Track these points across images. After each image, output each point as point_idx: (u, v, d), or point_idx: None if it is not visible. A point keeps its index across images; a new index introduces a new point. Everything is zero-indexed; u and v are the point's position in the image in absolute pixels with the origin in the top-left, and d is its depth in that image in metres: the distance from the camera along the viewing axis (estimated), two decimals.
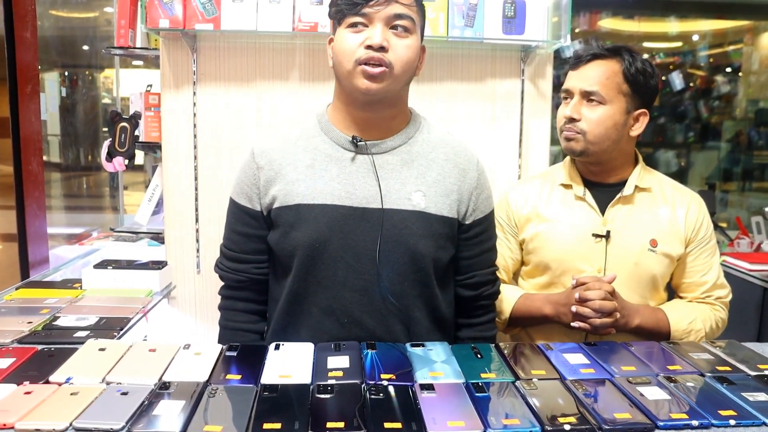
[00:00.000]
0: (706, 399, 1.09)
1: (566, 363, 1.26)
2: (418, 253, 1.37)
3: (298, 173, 1.40)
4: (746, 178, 5.17)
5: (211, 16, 1.94)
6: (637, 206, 1.63)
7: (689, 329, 1.58)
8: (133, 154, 2.20)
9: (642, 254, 1.60)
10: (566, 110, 1.59)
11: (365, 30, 1.31)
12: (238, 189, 1.48)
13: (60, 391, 1.09)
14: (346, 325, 1.38)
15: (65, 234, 3.47)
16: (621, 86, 1.56)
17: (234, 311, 1.51)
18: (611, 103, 1.56)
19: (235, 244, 1.49)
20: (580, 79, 1.58)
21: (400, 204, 1.37)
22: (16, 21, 2.51)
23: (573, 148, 1.60)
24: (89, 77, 4.46)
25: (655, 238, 1.60)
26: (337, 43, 1.35)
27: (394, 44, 1.31)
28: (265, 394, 1.08)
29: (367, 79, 1.31)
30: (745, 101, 5.13)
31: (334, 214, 1.36)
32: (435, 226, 1.39)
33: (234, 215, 1.50)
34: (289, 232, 1.38)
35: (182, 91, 2.13)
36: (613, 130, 1.57)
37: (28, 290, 1.88)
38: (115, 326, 1.56)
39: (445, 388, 1.12)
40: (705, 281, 1.65)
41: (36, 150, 2.67)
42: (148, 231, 2.32)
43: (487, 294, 1.52)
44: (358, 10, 1.30)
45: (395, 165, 1.40)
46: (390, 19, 1.31)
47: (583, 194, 1.64)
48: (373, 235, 1.35)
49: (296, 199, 1.38)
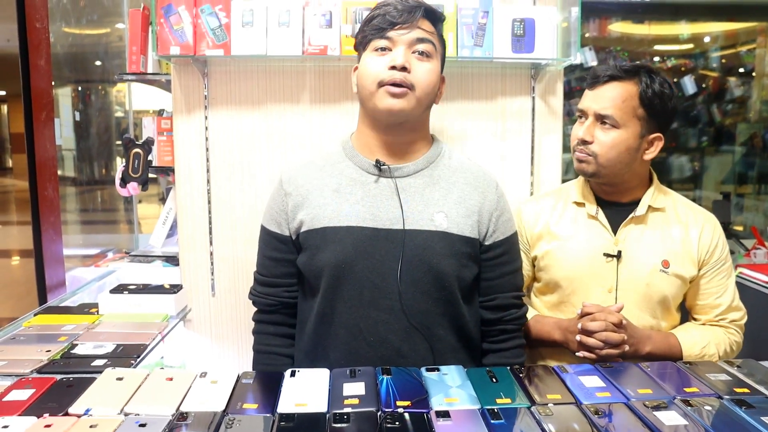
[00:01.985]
0: (724, 424, 1.08)
1: (582, 386, 1.25)
2: (442, 272, 1.41)
3: (324, 198, 1.45)
4: (762, 181, 5.12)
5: (222, 42, 1.96)
6: (650, 226, 1.61)
7: (702, 354, 1.56)
8: (146, 179, 2.23)
9: (654, 275, 1.58)
10: (579, 131, 1.58)
11: (389, 53, 1.39)
12: (268, 216, 1.54)
13: (79, 423, 1.10)
14: (373, 345, 1.41)
15: (81, 255, 3.51)
16: (636, 110, 1.54)
17: (266, 335, 1.56)
18: (625, 128, 1.54)
19: (267, 269, 1.55)
20: (596, 100, 1.56)
21: (423, 225, 1.41)
22: (31, 50, 2.55)
23: (585, 169, 1.60)
24: (102, 92, 4.52)
25: (667, 258, 1.58)
26: (362, 68, 1.43)
27: (416, 67, 1.39)
28: (282, 424, 1.08)
29: (390, 96, 1.38)
30: (759, 103, 5.08)
31: (359, 235, 1.40)
32: (457, 245, 1.43)
33: (265, 241, 1.55)
34: (316, 254, 1.43)
35: (194, 115, 2.15)
36: (626, 154, 1.55)
37: (46, 316, 1.91)
38: (132, 353, 1.57)
39: (461, 414, 1.12)
40: (719, 304, 1.63)
41: (51, 175, 2.71)
42: (163, 254, 2.34)
43: (510, 318, 1.53)
44: (383, 35, 1.40)
45: (417, 187, 1.45)
46: (412, 42, 1.39)
47: (595, 213, 1.63)
48: (397, 255, 1.39)
49: (323, 222, 1.43)
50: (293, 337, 1.57)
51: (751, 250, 3.03)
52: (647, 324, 1.59)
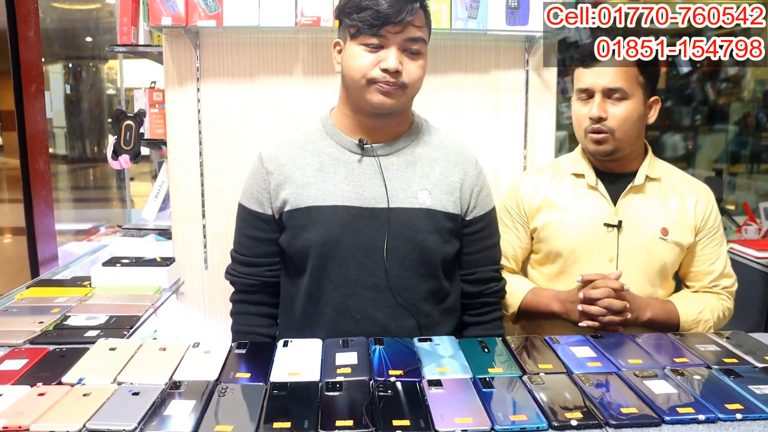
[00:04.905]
0: (713, 392, 1.10)
1: (573, 356, 1.26)
2: (427, 248, 1.42)
3: (307, 177, 1.43)
4: (754, 160, 5.13)
5: (214, 13, 1.94)
6: (648, 195, 1.63)
7: (698, 319, 1.59)
8: (138, 152, 2.21)
9: (653, 243, 1.60)
10: (592, 110, 1.56)
11: (379, 51, 1.35)
12: (248, 194, 1.51)
13: (72, 392, 1.10)
14: (360, 322, 1.41)
15: (73, 230, 3.50)
16: (638, 77, 1.56)
17: (248, 315, 1.54)
18: (633, 97, 1.56)
19: (247, 249, 1.52)
20: (600, 76, 1.56)
21: (407, 203, 1.42)
22: (19, 21, 2.51)
23: (604, 150, 1.59)
24: (93, 69, 4.48)
25: (666, 226, 1.61)
26: (350, 57, 1.38)
27: (407, 66, 1.37)
28: (275, 393, 1.09)
29: (381, 94, 1.36)
30: (753, 82, 5.07)
31: (345, 214, 1.40)
32: (441, 222, 1.44)
33: (244, 220, 1.53)
34: (301, 233, 1.42)
35: (186, 87, 2.14)
36: (639, 123, 1.58)
37: (38, 289, 1.90)
38: (124, 325, 1.57)
39: (453, 383, 1.13)
40: (712, 270, 1.66)
41: (42, 148, 2.69)
42: (156, 227, 2.33)
43: (490, 291, 1.55)
44: (376, 32, 1.33)
45: (400, 166, 1.45)
46: (404, 42, 1.35)
47: (595, 183, 1.64)
48: (382, 233, 1.40)
49: (308, 201, 1.42)
50: (275, 317, 1.56)
51: (743, 226, 3.05)
52: (646, 292, 1.61)
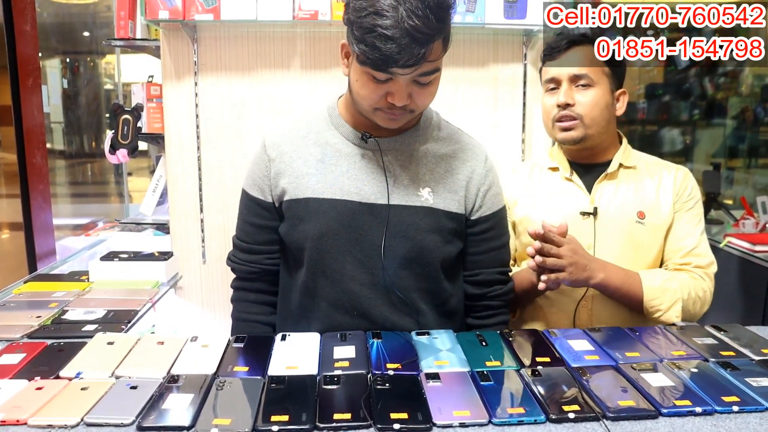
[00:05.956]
0: (710, 385, 1.10)
1: (570, 349, 1.26)
2: (426, 248, 1.38)
3: (308, 167, 1.40)
4: (752, 155, 5.13)
5: (211, 6, 1.93)
6: (623, 181, 1.65)
7: (665, 288, 1.54)
8: (136, 146, 2.21)
9: (630, 227, 1.61)
10: (559, 97, 1.60)
11: (388, 83, 1.25)
12: (251, 181, 1.49)
13: (70, 386, 1.10)
14: (356, 318, 1.39)
15: (71, 225, 3.49)
16: (603, 68, 1.60)
17: (247, 302, 1.53)
18: (599, 85, 1.59)
19: (248, 236, 1.50)
20: (565, 65, 1.60)
21: (408, 200, 1.38)
22: (16, 15, 2.50)
23: (572, 137, 1.60)
24: (91, 63, 4.46)
25: (642, 210, 1.61)
26: (356, 81, 1.29)
27: (417, 95, 1.27)
28: (273, 386, 1.09)
29: (389, 118, 1.31)
30: (751, 77, 5.07)
31: (343, 209, 1.37)
32: (443, 221, 1.40)
33: (246, 207, 1.50)
34: (298, 224, 1.40)
35: (183, 81, 2.13)
36: (606, 111, 1.60)
37: (36, 283, 1.90)
38: (122, 319, 1.57)
39: (451, 377, 1.13)
40: (683, 246, 1.62)
41: (39, 143, 2.68)
42: (153, 221, 2.33)
43: (494, 294, 1.50)
44: (385, 70, 1.20)
45: (404, 161, 1.41)
46: (417, 75, 1.24)
47: (570, 175, 1.66)
48: (381, 230, 1.36)
49: (306, 192, 1.39)
50: (274, 305, 1.54)
51: (740, 220, 3.05)
52: None
